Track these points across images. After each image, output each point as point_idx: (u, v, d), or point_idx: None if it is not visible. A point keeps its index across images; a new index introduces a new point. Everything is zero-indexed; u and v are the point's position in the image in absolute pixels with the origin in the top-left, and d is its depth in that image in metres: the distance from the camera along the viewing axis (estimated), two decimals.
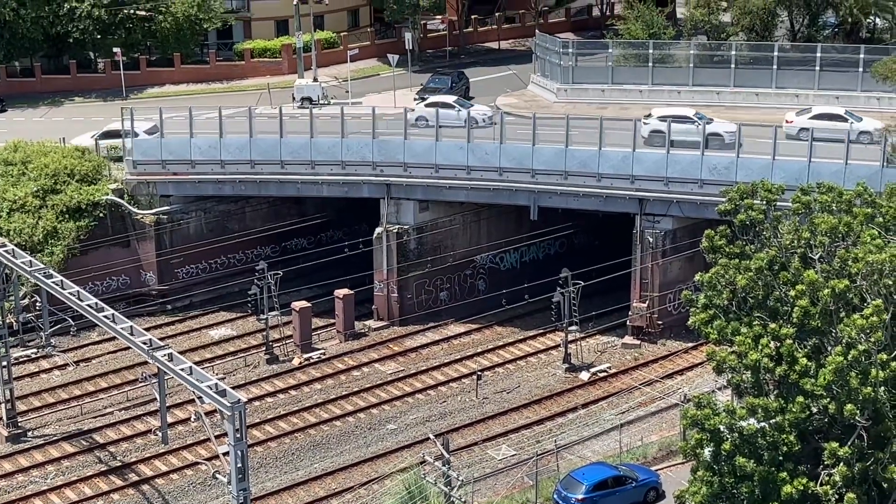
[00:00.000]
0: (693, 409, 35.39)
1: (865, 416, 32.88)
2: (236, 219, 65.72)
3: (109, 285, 62.55)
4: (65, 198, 61.24)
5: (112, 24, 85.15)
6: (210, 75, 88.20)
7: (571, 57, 77.91)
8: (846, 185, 41.98)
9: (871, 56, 69.93)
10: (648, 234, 58.46)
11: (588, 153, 58.88)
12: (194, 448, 51.10)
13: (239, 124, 63.81)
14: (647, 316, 59.57)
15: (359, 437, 52.32)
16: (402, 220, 62.06)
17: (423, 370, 57.96)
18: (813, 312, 33.74)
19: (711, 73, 76.12)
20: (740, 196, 37.79)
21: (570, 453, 49.51)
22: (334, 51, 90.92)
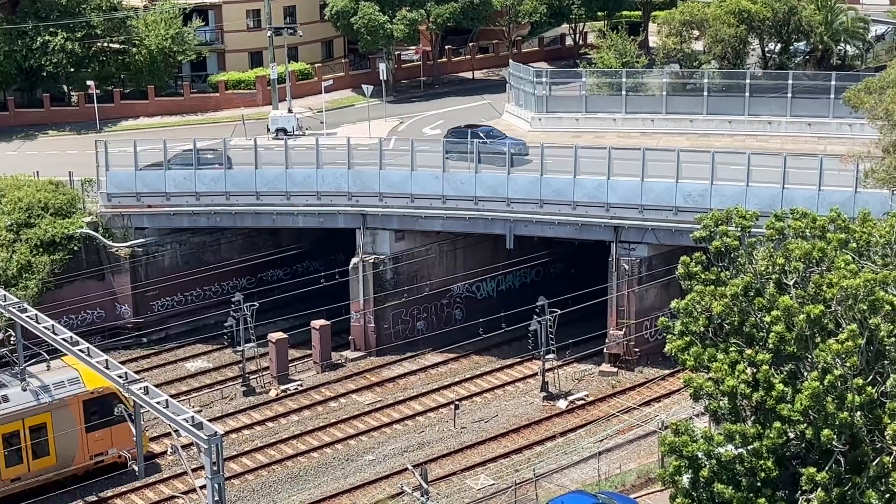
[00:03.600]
0: (671, 436, 35.39)
1: (842, 441, 32.94)
2: (212, 250, 65.58)
3: (84, 319, 62.23)
4: (39, 231, 60.97)
5: (85, 57, 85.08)
6: (184, 107, 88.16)
7: (545, 86, 78.26)
8: (819, 210, 42.23)
9: (843, 83, 70.43)
10: (624, 261, 58.62)
11: (563, 181, 59.09)
12: (171, 482, 50.77)
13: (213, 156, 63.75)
14: (624, 343, 59.65)
15: (336, 469, 52.09)
16: (378, 249, 62.06)
17: (400, 400, 57.82)
18: (788, 338, 33.83)
19: (684, 100, 76.56)
20: (715, 223, 37.93)
21: (548, 482, 49.42)
22: (308, 82, 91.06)
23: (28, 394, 48.71)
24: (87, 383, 49.65)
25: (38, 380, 49.44)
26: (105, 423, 49.75)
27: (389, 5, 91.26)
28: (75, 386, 49.74)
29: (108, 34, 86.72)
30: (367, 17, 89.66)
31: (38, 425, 48.90)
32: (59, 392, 49.38)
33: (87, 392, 49.72)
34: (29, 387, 48.80)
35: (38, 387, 49.16)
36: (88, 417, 49.83)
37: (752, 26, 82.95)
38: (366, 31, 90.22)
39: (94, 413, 49.82)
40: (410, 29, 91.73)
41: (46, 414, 48.94)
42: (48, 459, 49.47)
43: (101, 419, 49.67)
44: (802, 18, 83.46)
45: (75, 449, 49.95)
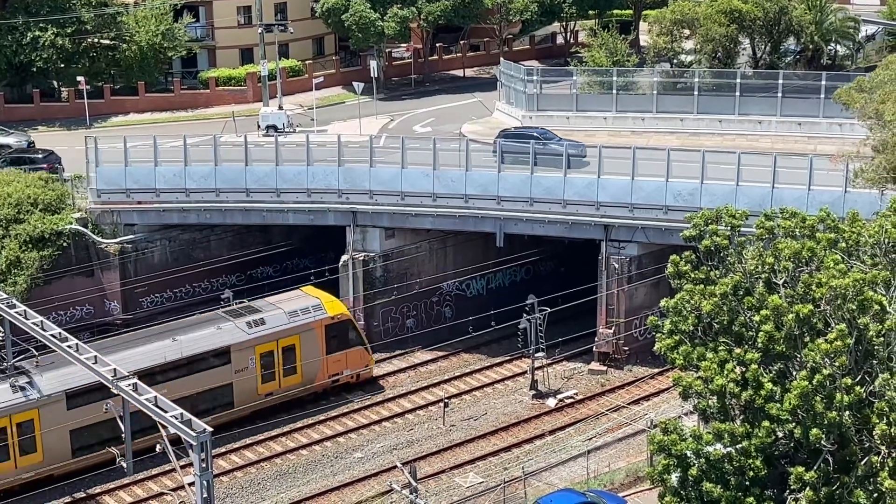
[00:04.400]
0: (660, 435, 35.42)
1: (831, 441, 33.02)
2: (201, 247, 65.45)
3: (73, 315, 62.09)
4: (28, 227, 60.79)
5: (76, 52, 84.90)
6: (174, 104, 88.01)
7: (536, 84, 78.27)
8: (809, 210, 42.28)
9: (833, 82, 70.57)
10: (614, 260, 58.65)
11: (553, 180, 59.12)
12: (159, 478, 50.69)
13: (204, 152, 63.67)
14: (614, 342, 59.70)
15: (325, 466, 52.06)
16: (368, 247, 62.03)
17: (389, 398, 57.81)
18: (778, 337, 33.89)
19: (675, 99, 76.65)
20: (705, 222, 37.97)
21: (537, 480, 49.44)
22: (299, 79, 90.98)
23: (281, 317, 55.07)
24: (328, 310, 56.46)
25: (288, 306, 55.85)
26: (341, 346, 56.87)
27: (381, 2, 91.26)
28: (319, 312, 56.27)
29: (98, 30, 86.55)
30: (358, 14, 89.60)
31: (288, 346, 55.35)
32: (306, 317, 55.80)
33: (329, 318, 56.43)
34: (281, 311, 55.35)
35: (288, 311, 55.53)
36: (328, 341, 56.39)
37: (742, 26, 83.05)
38: (357, 29, 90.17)
39: (333, 337, 56.50)
40: (401, 26, 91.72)
41: (296, 336, 55.37)
42: (296, 377, 55.91)
43: (339, 342, 56.68)
44: (793, 18, 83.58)
45: (317, 369, 56.39)
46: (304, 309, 55.83)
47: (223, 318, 54.95)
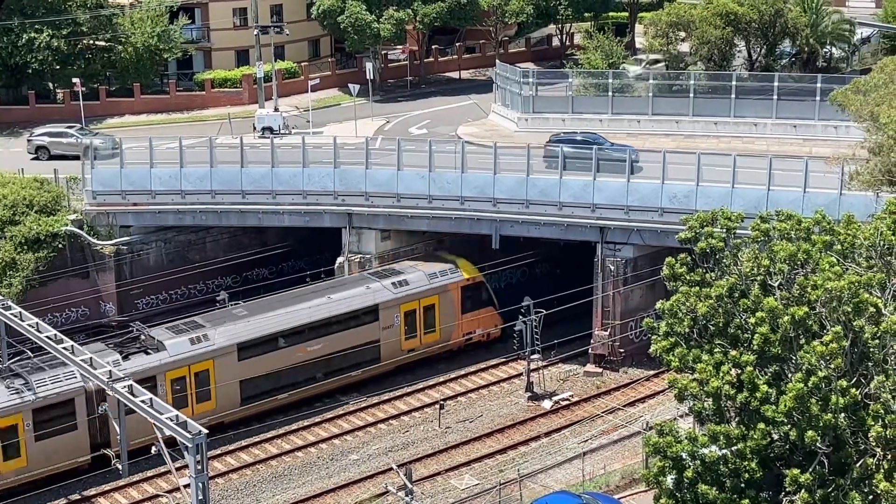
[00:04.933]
0: (655, 437, 35.45)
1: (826, 443, 33.05)
2: (197, 249, 65.44)
3: (69, 316, 62.06)
4: (23, 229, 60.73)
5: (71, 54, 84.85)
6: (170, 105, 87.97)
7: (532, 86, 78.30)
8: (804, 212, 42.34)
9: (828, 85, 70.62)
10: (610, 262, 58.69)
11: (549, 182, 59.13)
12: (155, 480, 50.65)
13: (200, 154, 63.65)
14: (609, 344, 59.73)
15: (321, 468, 52.05)
16: (363, 249, 62.04)
17: (385, 400, 57.80)
18: (773, 339, 33.92)
19: (670, 102, 76.69)
20: (700, 224, 38.00)
21: (533, 482, 49.43)
22: (295, 81, 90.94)
23: (423, 278, 59.08)
24: (464, 273, 60.27)
25: (428, 269, 59.76)
26: (474, 307, 60.80)
27: (376, 4, 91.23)
28: (455, 274, 60.13)
29: (94, 32, 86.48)
30: (353, 16, 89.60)
31: (429, 306, 59.16)
32: (444, 279, 59.60)
33: (464, 280, 60.20)
34: (422, 273, 59.47)
35: (428, 274, 59.32)
36: (463, 301, 60.21)
37: (738, 28, 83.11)
38: (353, 31, 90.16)
39: (468, 298, 60.36)
40: (397, 28, 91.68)
41: (435, 297, 59.23)
42: (434, 335, 59.90)
43: (472, 303, 60.63)
44: (788, 20, 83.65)
45: (453, 328, 60.33)
46: (442, 271, 59.82)
47: (371, 278, 58.87)
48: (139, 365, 51.44)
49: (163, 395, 50.84)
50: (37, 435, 49.04)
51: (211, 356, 53.63)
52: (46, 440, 49.24)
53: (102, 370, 41.13)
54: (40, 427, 49.02)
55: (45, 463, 49.53)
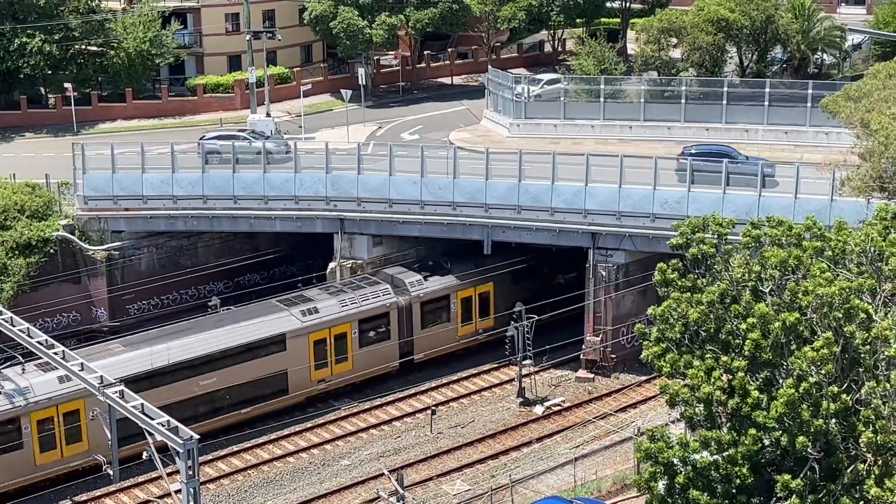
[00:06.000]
0: (647, 443, 35.46)
1: (817, 449, 33.08)
2: (189, 254, 65.40)
3: (60, 322, 61.99)
4: (15, 234, 60.64)
5: (63, 59, 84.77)
6: (162, 110, 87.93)
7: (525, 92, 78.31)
8: (795, 218, 42.37)
9: (819, 91, 70.78)
10: (601, 267, 58.73)
11: (541, 187, 59.18)
12: (146, 486, 50.58)
13: (191, 159, 63.61)
14: (601, 349, 59.76)
15: (312, 474, 52.02)
16: (355, 254, 62.05)
17: (377, 405, 57.77)
18: (764, 345, 33.95)
19: (662, 108, 76.79)
20: (692, 230, 38.03)
21: (524, 488, 49.45)
22: (287, 86, 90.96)
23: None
24: None
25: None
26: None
27: (369, 10, 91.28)
28: None
29: (85, 37, 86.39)
30: (346, 21, 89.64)
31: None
32: None
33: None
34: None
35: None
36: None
37: (729, 34, 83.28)
38: (345, 36, 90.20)
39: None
40: (389, 34, 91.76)
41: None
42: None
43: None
44: (780, 27, 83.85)
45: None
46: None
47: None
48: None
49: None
50: (361, 342, 58.06)
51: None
52: (368, 347, 58.50)
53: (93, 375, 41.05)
54: (364, 335, 58.35)
55: (366, 367, 58.33)
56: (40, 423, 50.19)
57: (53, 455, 50.48)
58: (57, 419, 50.47)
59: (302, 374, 56.75)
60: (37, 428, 50.17)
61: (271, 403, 56.22)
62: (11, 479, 49.60)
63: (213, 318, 56.95)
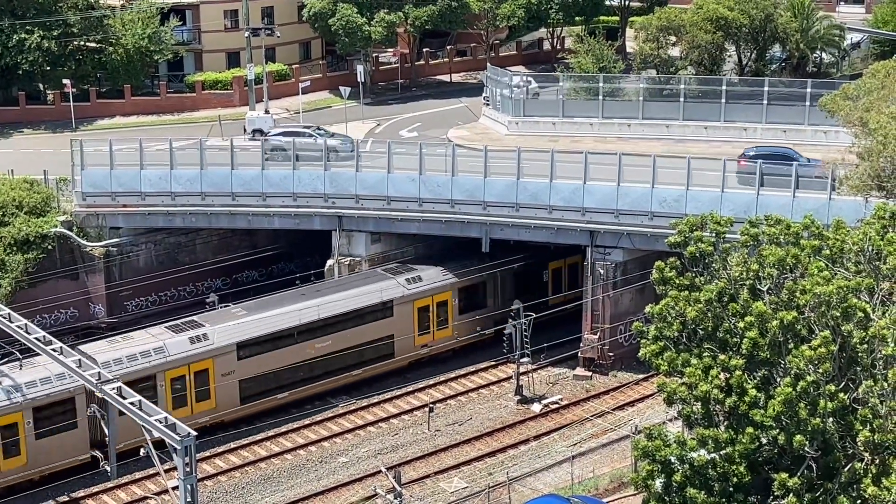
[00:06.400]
0: (644, 441, 35.49)
1: (814, 447, 33.10)
2: (187, 251, 65.38)
3: (58, 318, 61.95)
4: (13, 230, 60.63)
5: (62, 55, 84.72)
6: (161, 107, 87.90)
7: (523, 90, 78.29)
8: (794, 217, 42.40)
9: (818, 90, 70.80)
10: (599, 265, 58.74)
11: (539, 185, 59.16)
12: (143, 482, 50.58)
13: (190, 156, 63.60)
14: (599, 348, 59.77)
15: (310, 471, 52.02)
16: (353, 251, 62.03)
17: (374, 402, 57.77)
18: (762, 344, 33.97)
19: (661, 106, 76.77)
20: (690, 228, 38.05)
21: (522, 485, 49.48)
22: (286, 83, 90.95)
23: None
24: None
25: None
26: None
27: (367, 7, 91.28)
28: None
29: (84, 33, 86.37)
30: (345, 18, 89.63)
31: None
32: None
33: None
34: None
35: None
36: None
37: (728, 33, 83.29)
38: (344, 33, 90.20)
39: None
40: (388, 31, 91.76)
41: None
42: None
43: None
44: (779, 25, 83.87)
45: None
46: None
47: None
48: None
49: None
50: (461, 310, 60.95)
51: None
52: (466, 314, 61.22)
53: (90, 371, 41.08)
54: (462, 303, 61.06)
55: (465, 335, 61.16)
56: (173, 381, 52.89)
57: (185, 412, 52.28)
58: (188, 378, 53.15)
59: (407, 339, 59.36)
60: (170, 385, 52.70)
61: (379, 367, 58.65)
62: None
63: (324, 284, 59.88)
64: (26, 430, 49.07)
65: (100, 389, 40.13)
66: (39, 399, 49.27)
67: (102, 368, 44.19)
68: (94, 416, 47.05)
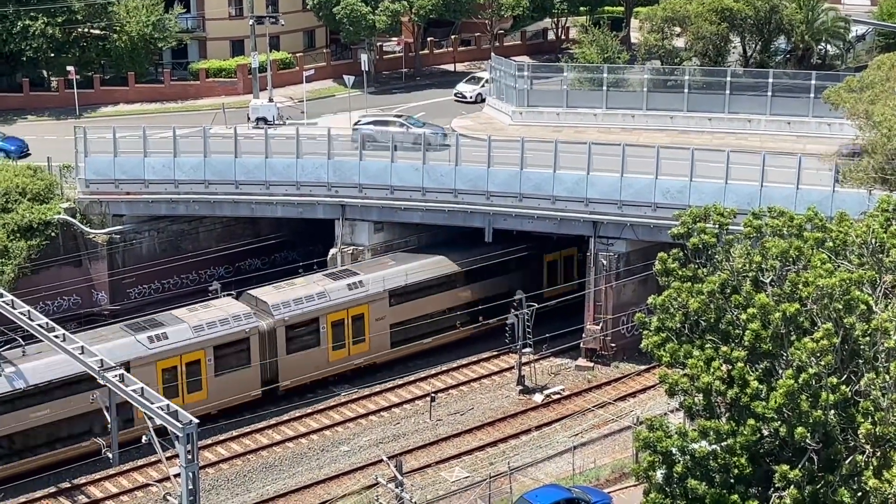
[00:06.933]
0: (645, 432, 35.52)
1: (816, 440, 33.12)
2: (190, 239, 65.39)
3: (60, 305, 61.99)
4: (16, 217, 60.64)
5: (66, 42, 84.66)
6: (164, 95, 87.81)
7: (526, 80, 78.22)
8: (797, 209, 42.37)
9: (823, 82, 70.61)
10: (602, 256, 58.73)
11: (543, 176, 59.15)
12: (145, 469, 50.67)
13: (193, 144, 63.58)
14: (601, 338, 59.78)
15: (311, 459, 52.09)
16: (356, 241, 62.05)
17: (376, 392, 57.81)
18: (764, 336, 33.98)
19: (665, 97, 76.60)
20: (693, 220, 38.03)
21: (523, 475, 49.53)
22: (290, 71, 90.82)
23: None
24: None
25: None
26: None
27: None
28: None
29: (88, 20, 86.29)
30: (349, 7, 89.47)
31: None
32: None
33: None
34: None
35: None
36: None
37: (733, 24, 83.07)
38: (348, 22, 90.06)
39: None
40: (393, 20, 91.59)
41: None
42: None
43: None
44: (784, 17, 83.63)
45: None
46: None
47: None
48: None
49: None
50: None
51: None
52: None
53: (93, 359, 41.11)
54: None
55: None
56: (334, 324, 57.05)
57: (342, 353, 57.27)
58: (347, 321, 57.31)
59: None
60: (331, 328, 56.84)
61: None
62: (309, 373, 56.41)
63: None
64: (207, 367, 53.69)
65: (102, 377, 40.17)
66: (219, 338, 53.96)
67: (273, 311, 55.35)
68: (265, 356, 54.66)
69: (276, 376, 56.00)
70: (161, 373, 52.26)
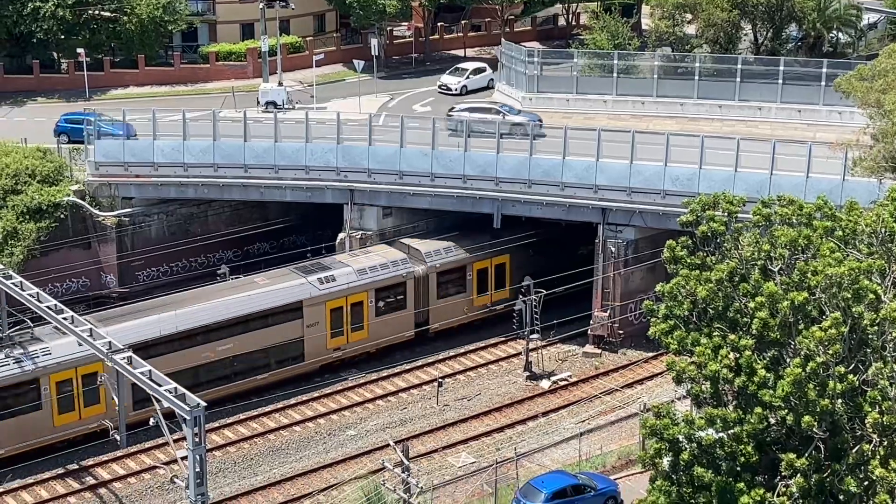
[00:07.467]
0: (652, 419, 35.53)
1: (823, 428, 33.11)
2: (199, 222, 65.47)
3: (69, 287, 62.15)
4: (26, 199, 60.76)
5: (76, 24, 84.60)
6: (174, 78, 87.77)
7: (537, 66, 78.10)
8: (806, 197, 42.30)
9: (834, 70, 70.46)
10: (611, 243, 58.69)
11: (552, 162, 59.08)
12: (152, 451, 50.82)
13: (203, 127, 63.60)
14: (609, 325, 59.78)
15: (318, 443, 52.20)
16: (365, 225, 62.07)
17: (383, 376, 57.90)
18: (772, 324, 33.94)
19: (675, 84, 76.45)
20: (702, 207, 37.97)
21: (529, 461, 49.59)
22: (300, 55, 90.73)
23: None
24: None
25: None
26: None
27: None
28: None
29: (99, 2, 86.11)
30: None
31: None
32: None
33: None
34: None
35: None
36: None
37: (745, 11, 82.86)
38: (358, 6, 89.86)
39: None
40: (403, 4, 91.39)
41: None
42: None
43: None
44: (795, 4, 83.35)
45: None
46: None
47: None
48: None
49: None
50: None
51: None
52: None
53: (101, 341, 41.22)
54: None
55: None
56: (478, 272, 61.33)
57: (486, 299, 61.48)
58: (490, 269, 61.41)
59: None
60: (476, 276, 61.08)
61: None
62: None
63: None
64: (369, 309, 57.85)
65: (110, 359, 40.28)
66: (380, 281, 58.09)
67: (426, 258, 60.16)
68: (419, 299, 59.30)
69: (426, 319, 60.54)
70: (329, 313, 56.57)
